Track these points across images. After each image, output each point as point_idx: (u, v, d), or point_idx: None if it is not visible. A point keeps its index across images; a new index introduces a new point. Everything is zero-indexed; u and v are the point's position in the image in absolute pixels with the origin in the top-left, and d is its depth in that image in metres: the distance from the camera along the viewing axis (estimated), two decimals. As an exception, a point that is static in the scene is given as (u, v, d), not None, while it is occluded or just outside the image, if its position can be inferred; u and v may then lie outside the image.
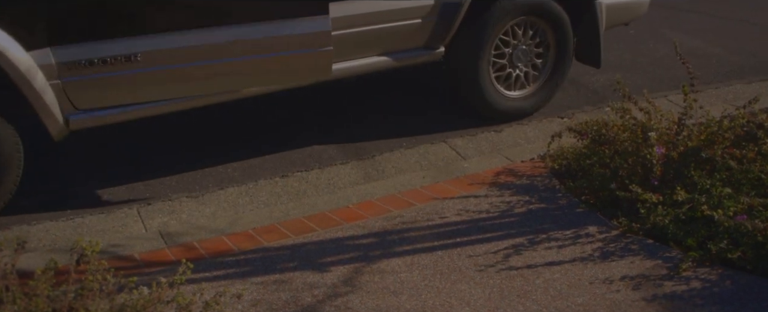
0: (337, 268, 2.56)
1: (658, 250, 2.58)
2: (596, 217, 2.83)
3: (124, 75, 2.96)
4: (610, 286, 2.41)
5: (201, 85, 3.17)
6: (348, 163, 3.50)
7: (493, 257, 2.61)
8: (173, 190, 3.28)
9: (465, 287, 2.44)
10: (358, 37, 3.49)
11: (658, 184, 2.77)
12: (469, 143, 3.71)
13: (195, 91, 3.16)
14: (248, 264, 2.60)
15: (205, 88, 3.18)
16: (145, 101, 3.09)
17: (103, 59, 2.90)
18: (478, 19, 3.65)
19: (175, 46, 3.02)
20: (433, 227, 2.84)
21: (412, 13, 3.57)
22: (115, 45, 2.92)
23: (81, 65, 2.88)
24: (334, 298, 2.39)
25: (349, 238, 2.77)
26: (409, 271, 2.54)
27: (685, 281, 2.39)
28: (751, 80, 4.49)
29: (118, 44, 2.93)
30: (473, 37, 3.68)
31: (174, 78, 3.08)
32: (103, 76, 2.93)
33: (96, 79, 2.93)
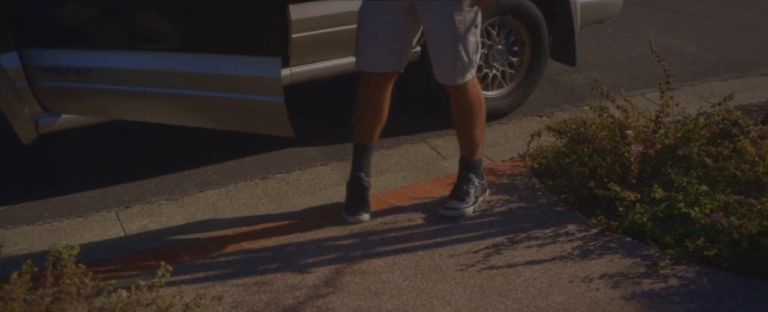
0: (318, 269, 2.56)
1: (637, 248, 2.60)
2: (575, 215, 2.85)
3: (79, 87, 2.81)
4: (590, 284, 2.43)
5: (142, 112, 2.88)
6: (329, 164, 3.50)
7: (474, 257, 2.62)
8: (152, 192, 3.26)
9: (446, 287, 2.45)
10: (335, 37, 3.48)
11: (636, 182, 2.79)
12: (449, 143, 3.72)
13: (138, 116, 2.90)
14: (229, 266, 2.59)
15: (147, 115, 2.90)
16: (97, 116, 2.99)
17: (62, 68, 2.84)
18: None
19: (114, 66, 2.72)
20: (413, 227, 2.84)
21: None
22: (72, 57, 2.78)
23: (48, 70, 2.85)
24: (315, 299, 2.38)
25: (330, 239, 2.76)
26: (390, 272, 2.54)
27: (663, 279, 2.42)
28: (726, 77, 4.55)
29: (73, 56, 2.78)
30: None
31: (117, 99, 2.82)
32: (65, 85, 2.87)
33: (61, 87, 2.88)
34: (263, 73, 2.52)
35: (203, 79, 2.61)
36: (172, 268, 2.13)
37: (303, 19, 3.38)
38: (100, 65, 2.71)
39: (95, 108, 2.95)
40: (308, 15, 3.39)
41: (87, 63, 2.72)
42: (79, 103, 2.89)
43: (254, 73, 2.53)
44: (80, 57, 2.75)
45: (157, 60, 2.65)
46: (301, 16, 3.37)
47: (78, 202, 3.20)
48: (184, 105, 2.73)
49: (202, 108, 2.73)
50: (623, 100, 3.12)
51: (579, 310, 2.30)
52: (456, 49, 2.70)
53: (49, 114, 2.96)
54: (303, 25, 3.39)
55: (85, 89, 2.78)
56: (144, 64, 2.66)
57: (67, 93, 2.84)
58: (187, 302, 2.15)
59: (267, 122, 2.71)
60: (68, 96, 2.86)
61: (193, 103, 2.69)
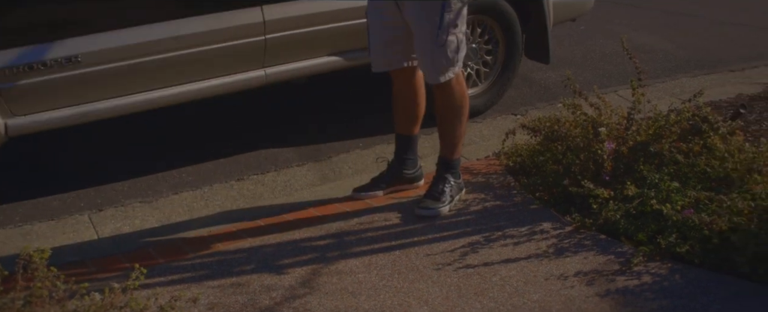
0: (295, 270, 2.55)
1: (611, 245, 2.63)
2: (550, 213, 2.87)
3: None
4: (565, 282, 2.45)
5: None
6: (304, 165, 3.49)
7: (451, 256, 2.63)
8: (126, 195, 3.23)
9: (423, 286, 2.45)
10: (308, 37, 3.47)
11: (610, 179, 2.82)
12: (424, 142, 3.72)
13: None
14: (204, 268, 2.57)
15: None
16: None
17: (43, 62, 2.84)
18: None
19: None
20: (390, 227, 2.85)
21: (360, 12, 3.57)
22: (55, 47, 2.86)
23: (19, 70, 2.82)
24: (292, 299, 2.38)
25: (307, 239, 2.76)
26: (367, 272, 2.54)
27: (637, 276, 2.45)
28: (696, 74, 4.61)
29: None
30: None
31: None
32: (44, 79, 2.87)
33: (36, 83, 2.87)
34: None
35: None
36: (146, 271, 2.12)
37: (278, 20, 3.37)
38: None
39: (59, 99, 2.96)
40: (283, 15, 3.37)
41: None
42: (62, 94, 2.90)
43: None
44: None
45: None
46: (276, 16, 3.36)
47: (50, 205, 3.16)
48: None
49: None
50: (596, 98, 3.14)
51: (554, 307, 2.31)
52: (434, 48, 2.73)
53: (18, 116, 2.93)
54: (278, 26, 3.38)
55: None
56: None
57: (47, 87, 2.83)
58: (162, 304, 2.14)
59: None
60: (49, 90, 2.86)
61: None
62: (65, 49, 2.95)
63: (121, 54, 3.06)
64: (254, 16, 3.31)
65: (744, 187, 2.63)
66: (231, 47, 3.29)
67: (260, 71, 3.43)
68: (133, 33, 3.08)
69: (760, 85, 4.23)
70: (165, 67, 3.17)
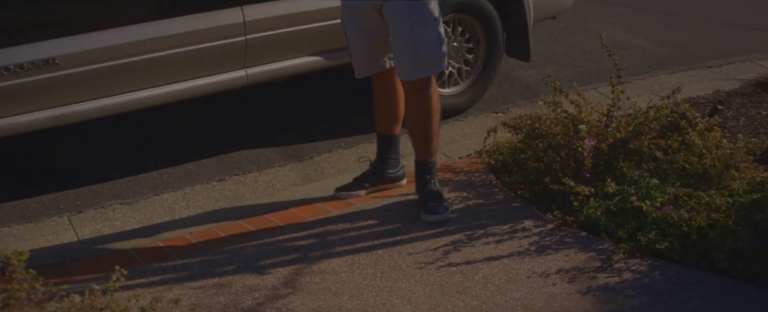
0: (277, 270, 2.54)
1: (592, 242, 2.65)
2: (532, 211, 2.89)
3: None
4: (547, 279, 2.46)
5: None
6: (286, 165, 3.48)
7: (433, 254, 2.63)
8: (106, 197, 3.21)
9: (406, 285, 2.46)
10: (289, 37, 3.46)
11: (590, 176, 2.84)
12: (407, 141, 3.70)
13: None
14: (186, 269, 2.56)
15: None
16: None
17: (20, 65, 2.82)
18: None
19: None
20: (372, 226, 2.85)
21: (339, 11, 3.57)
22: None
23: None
24: (274, 300, 2.37)
25: (289, 240, 2.75)
26: (349, 271, 2.54)
27: (618, 273, 2.46)
28: (675, 70, 4.65)
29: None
30: None
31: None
32: (21, 82, 2.84)
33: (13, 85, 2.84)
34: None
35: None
36: (127, 272, 2.11)
37: (258, 20, 3.35)
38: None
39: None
40: (263, 16, 3.36)
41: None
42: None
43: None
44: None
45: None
46: (256, 16, 3.35)
47: (28, 207, 3.13)
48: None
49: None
50: (576, 95, 3.16)
51: (536, 305, 2.33)
52: (412, 46, 2.73)
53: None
54: (258, 26, 3.36)
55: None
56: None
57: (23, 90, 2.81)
58: (143, 306, 2.12)
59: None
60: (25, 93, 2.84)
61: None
62: (42, 52, 2.92)
63: (99, 56, 3.03)
64: (234, 16, 3.30)
65: (722, 183, 2.66)
66: (211, 48, 3.27)
67: (241, 72, 3.42)
68: (111, 35, 3.06)
69: (736, 81, 4.28)
70: (144, 68, 3.15)
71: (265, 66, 3.48)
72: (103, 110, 3.12)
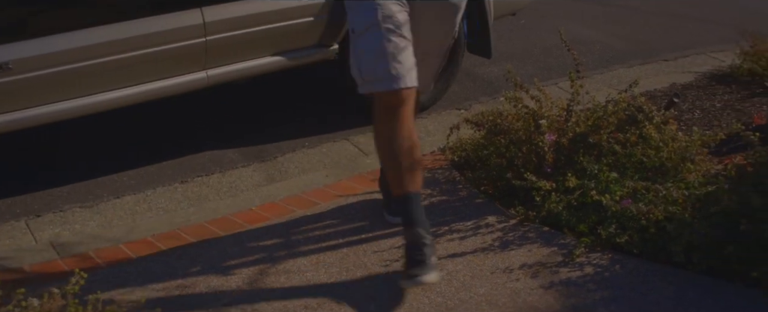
0: (242, 271, 2.53)
1: (554, 237, 2.68)
2: (495, 207, 2.92)
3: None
4: (510, 275, 2.49)
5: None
6: (250, 166, 3.46)
7: (398, 252, 2.64)
8: (65, 201, 3.15)
9: (371, 283, 2.46)
10: (250, 38, 3.44)
11: (551, 171, 2.87)
12: (370, 140, 3.69)
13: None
14: (148, 271, 2.54)
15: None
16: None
17: None
18: None
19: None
20: (337, 225, 2.85)
21: (302, 12, 3.56)
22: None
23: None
24: (240, 303, 2.36)
25: (253, 240, 2.74)
26: (315, 270, 2.54)
27: (579, 267, 2.50)
28: (632, 64, 4.73)
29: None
30: None
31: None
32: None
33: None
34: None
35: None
36: (87, 275, 2.08)
37: (218, 21, 3.32)
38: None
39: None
40: (223, 17, 3.34)
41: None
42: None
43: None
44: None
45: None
46: (216, 17, 3.32)
47: (-17, 212, 3.07)
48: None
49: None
50: (537, 91, 3.19)
51: (500, 301, 2.35)
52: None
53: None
54: (218, 27, 3.33)
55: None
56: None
57: None
58: (104, 308, 2.10)
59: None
60: None
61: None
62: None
63: (55, 60, 2.97)
64: (194, 18, 3.27)
65: (678, 176, 2.71)
66: (170, 50, 3.24)
67: (202, 73, 3.39)
68: (67, 38, 3.00)
69: (692, 73, 4.37)
70: (103, 71, 3.10)
71: (226, 67, 3.45)
72: (61, 114, 3.07)
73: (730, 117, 3.63)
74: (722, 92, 3.99)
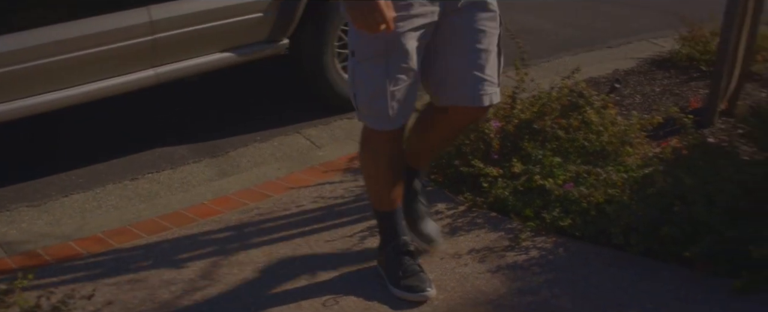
0: (195, 264, 2.55)
1: (501, 222, 2.75)
2: (444, 194, 2.97)
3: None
4: (459, 260, 2.54)
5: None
6: (201, 161, 3.46)
7: (350, 241, 2.68)
8: (11, 200, 3.11)
9: (324, 272, 2.50)
10: (198, 35, 3.43)
11: (498, 157, 2.94)
12: (323, 132, 3.76)
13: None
14: (99, 266, 2.53)
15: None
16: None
17: None
18: (319, 12, 3.70)
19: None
20: (290, 216, 2.88)
21: (251, 8, 3.56)
22: None
23: None
24: (192, 292, 2.38)
25: (206, 233, 2.75)
26: (268, 261, 2.57)
27: (525, 251, 2.57)
28: (577, 52, 4.83)
29: None
30: (316, 30, 3.73)
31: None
32: None
33: None
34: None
35: None
36: (36, 270, 2.07)
37: (165, 19, 3.31)
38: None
39: None
40: (171, 14, 3.33)
41: None
42: None
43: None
44: None
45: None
46: (163, 16, 3.31)
47: (-75, 214, 3.01)
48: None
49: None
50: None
51: (449, 285, 2.41)
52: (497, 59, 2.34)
53: None
54: (166, 25, 3.32)
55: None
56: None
57: None
58: (54, 302, 2.10)
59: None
60: None
61: None
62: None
63: None
64: (140, 16, 3.25)
65: (618, 160, 2.81)
66: (117, 49, 3.22)
67: (150, 71, 3.37)
68: (12, 39, 2.94)
69: (634, 60, 4.49)
70: (49, 71, 3.07)
71: (175, 64, 3.44)
72: (6, 115, 3.02)
73: (669, 101, 3.75)
74: (662, 77, 4.11)
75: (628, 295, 2.30)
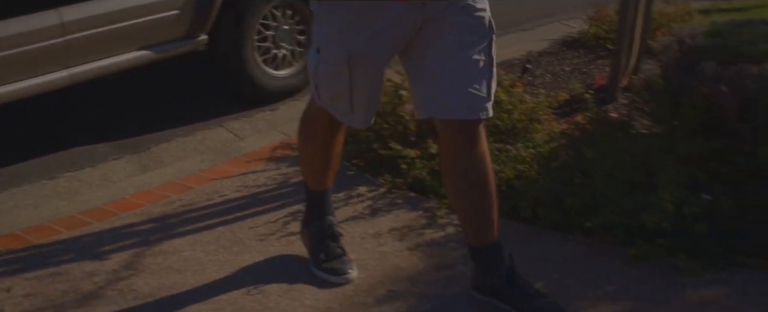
0: (117, 255, 2.55)
1: (419, 201, 2.84)
2: (365, 177, 3.05)
3: None
4: (379, 239, 2.62)
5: None
6: (122, 158, 3.43)
7: (273, 226, 2.73)
8: None
9: (248, 257, 2.55)
10: (111, 35, 3.42)
11: (415, 139, 3.03)
12: (245, 124, 3.79)
13: None
14: (18, 262, 2.52)
15: None
16: None
17: None
18: (237, 8, 3.73)
19: None
20: (213, 206, 2.90)
21: (165, 6, 3.56)
22: None
23: None
24: (115, 282, 2.39)
25: (128, 226, 2.76)
26: (192, 249, 2.60)
27: (442, 228, 2.66)
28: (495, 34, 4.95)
29: None
30: (234, 25, 3.76)
31: None
32: None
33: None
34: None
35: None
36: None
37: (77, 20, 3.29)
38: None
39: None
40: (82, 15, 3.30)
41: None
42: None
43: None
44: None
45: None
46: (74, 17, 3.28)
47: None
48: None
49: None
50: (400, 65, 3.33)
51: (370, 264, 2.48)
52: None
53: None
54: (77, 26, 3.30)
55: None
56: None
57: None
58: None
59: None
60: None
61: None
62: None
63: None
64: (50, 18, 3.22)
65: (527, 136, 2.94)
66: (28, 51, 3.18)
67: (63, 72, 3.34)
68: None
69: (546, 41, 4.62)
70: None
71: (89, 65, 3.42)
72: None
73: (577, 79, 3.91)
74: (571, 57, 4.27)
75: (536, 267, 2.41)
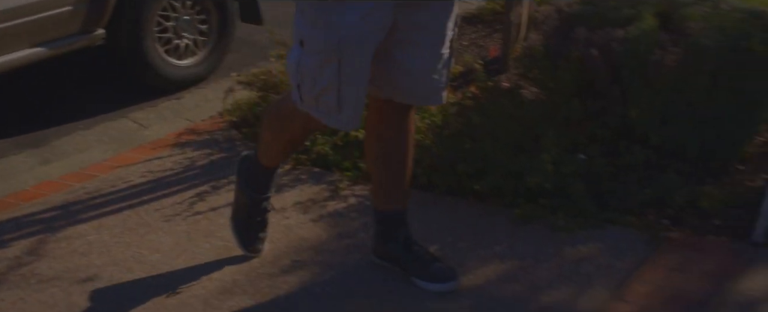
0: (19, 243, 2.55)
1: (323, 176, 2.94)
2: (270, 156, 3.12)
3: None
4: (285, 213, 2.71)
5: None
6: (23, 152, 3.38)
7: (179, 207, 2.78)
8: None
9: (154, 237, 2.59)
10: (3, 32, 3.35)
11: (318, 117, 3.12)
12: (150, 114, 3.78)
13: None
14: None
15: None
16: None
17: None
18: (132, 1, 3.74)
19: None
20: (118, 192, 2.92)
21: (58, 2, 3.52)
22: None
23: None
24: (18, 267, 2.40)
25: (30, 215, 2.75)
26: (97, 233, 2.62)
27: (344, 199, 2.77)
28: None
29: None
30: (132, 18, 3.76)
31: None
32: None
33: None
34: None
35: None
36: None
37: None
38: None
39: None
40: None
41: None
42: None
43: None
44: None
45: None
46: None
47: None
48: None
49: None
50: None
51: (275, 237, 2.56)
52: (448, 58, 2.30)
53: None
54: None
55: None
56: None
57: None
58: None
59: None
60: None
61: None
62: None
63: None
64: None
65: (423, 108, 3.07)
66: None
67: None
68: None
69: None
70: None
71: None
72: None
73: (474, 53, 4.06)
74: (470, 32, 4.40)
75: (431, 232, 2.55)
